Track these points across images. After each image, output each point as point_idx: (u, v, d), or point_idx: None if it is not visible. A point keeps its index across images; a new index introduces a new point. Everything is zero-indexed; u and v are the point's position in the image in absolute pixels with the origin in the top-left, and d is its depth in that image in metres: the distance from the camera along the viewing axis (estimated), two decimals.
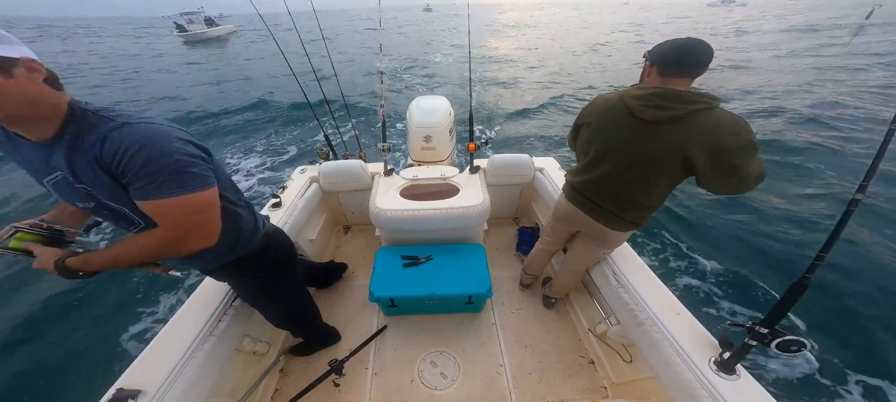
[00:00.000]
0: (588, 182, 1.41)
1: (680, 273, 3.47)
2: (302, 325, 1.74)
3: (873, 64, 11.22)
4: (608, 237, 1.49)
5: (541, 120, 8.20)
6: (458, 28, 37.04)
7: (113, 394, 1.08)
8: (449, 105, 2.84)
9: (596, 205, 1.41)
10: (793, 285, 0.97)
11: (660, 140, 1.11)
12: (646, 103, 1.10)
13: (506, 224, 2.85)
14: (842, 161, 5.22)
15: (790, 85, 9.51)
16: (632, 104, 1.14)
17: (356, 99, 9.62)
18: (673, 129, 1.07)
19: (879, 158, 0.86)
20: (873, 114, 6.91)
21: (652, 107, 1.09)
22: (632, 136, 1.17)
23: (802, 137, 6.04)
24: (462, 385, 1.74)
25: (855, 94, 8.35)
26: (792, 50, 14.98)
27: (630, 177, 1.24)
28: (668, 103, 1.06)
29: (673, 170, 1.14)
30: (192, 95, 11.28)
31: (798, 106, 7.57)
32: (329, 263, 2.33)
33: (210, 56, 20.87)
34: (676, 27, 29.92)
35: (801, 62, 12.40)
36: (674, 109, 1.05)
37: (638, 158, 1.18)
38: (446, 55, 18.80)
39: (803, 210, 4.17)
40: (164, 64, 18.16)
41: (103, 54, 22.92)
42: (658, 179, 1.19)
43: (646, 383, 1.57)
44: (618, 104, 1.20)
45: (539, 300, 2.17)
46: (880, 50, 13.26)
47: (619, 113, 1.19)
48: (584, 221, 1.51)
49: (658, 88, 1.09)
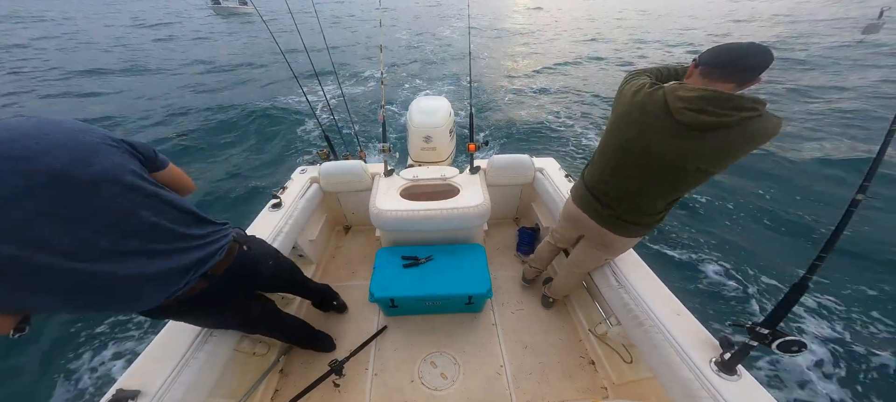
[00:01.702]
0: (600, 181, 1.36)
1: (680, 273, 3.47)
2: (268, 332, 1.62)
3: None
4: (612, 244, 1.45)
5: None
6: (473, 16, 37.92)
7: (113, 394, 1.08)
8: (449, 106, 2.85)
9: (604, 207, 1.37)
10: (794, 285, 0.97)
11: (695, 146, 1.02)
12: (690, 106, 0.99)
13: (506, 224, 2.85)
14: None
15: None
16: (674, 105, 1.02)
17: (357, 96, 9.63)
18: (716, 136, 0.98)
19: (880, 158, 0.86)
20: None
21: (696, 110, 0.98)
22: (663, 137, 1.06)
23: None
24: (462, 386, 1.74)
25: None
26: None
27: (646, 180, 1.18)
28: (716, 109, 0.95)
29: (696, 178, 1.09)
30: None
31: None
32: (324, 287, 2.00)
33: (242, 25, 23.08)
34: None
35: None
36: (724, 116, 0.94)
37: (662, 162, 1.10)
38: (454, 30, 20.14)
39: (804, 209, 4.17)
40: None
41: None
42: (677, 186, 1.15)
43: (646, 383, 1.57)
44: (657, 99, 1.07)
45: (539, 301, 2.17)
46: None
47: (656, 108, 1.07)
48: (589, 226, 1.48)
49: (707, 91, 0.96)
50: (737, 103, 0.94)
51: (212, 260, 1.03)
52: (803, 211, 4.17)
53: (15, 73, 11.38)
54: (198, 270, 1.00)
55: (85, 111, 8.11)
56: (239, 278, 1.17)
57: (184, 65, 12.71)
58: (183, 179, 1.08)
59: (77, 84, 10.35)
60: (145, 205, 0.86)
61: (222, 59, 13.35)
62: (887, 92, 8.16)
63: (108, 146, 0.80)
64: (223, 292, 1.12)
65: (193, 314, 1.17)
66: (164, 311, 1.02)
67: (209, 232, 1.06)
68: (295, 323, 1.69)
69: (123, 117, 7.66)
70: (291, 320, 1.66)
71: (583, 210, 1.47)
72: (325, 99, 2.89)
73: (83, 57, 13.89)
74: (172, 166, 1.03)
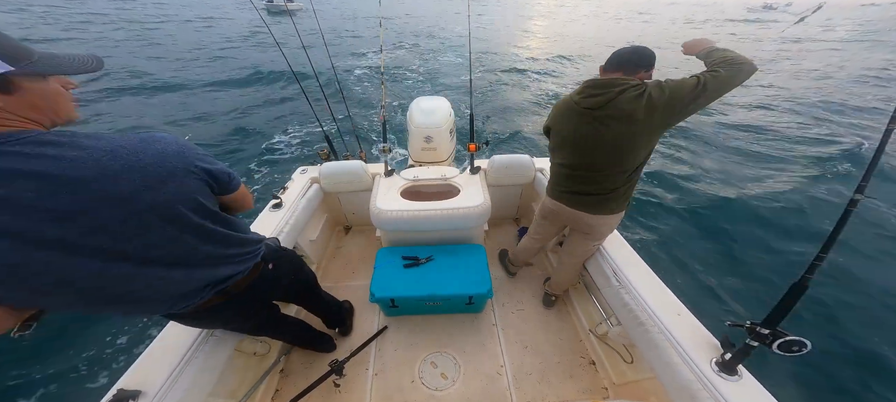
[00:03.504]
0: (566, 176, 1.54)
1: (680, 273, 3.47)
2: (271, 335, 1.64)
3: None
4: (594, 228, 1.58)
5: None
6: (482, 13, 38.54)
7: (113, 394, 1.08)
8: (449, 106, 2.84)
9: (577, 194, 1.52)
10: (793, 285, 0.97)
11: (601, 121, 1.27)
12: (583, 94, 1.32)
13: (506, 225, 2.85)
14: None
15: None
16: (575, 99, 1.36)
17: (357, 92, 9.66)
18: (608, 108, 1.24)
19: (877, 157, 0.86)
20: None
21: (587, 96, 1.30)
22: (581, 125, 1.33)
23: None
24: (462, 386, 1.74)
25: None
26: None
27: (590, 158, 1.39)
28: (598, 89, 1.27)
29: (629, 140, 1.26)
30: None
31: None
32: (338, 305, 1.96)
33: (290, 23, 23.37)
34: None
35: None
36: (605, 92, 1.24)
37: (599, 142, 1.31)
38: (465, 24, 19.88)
39: (806, 209, 4.17)
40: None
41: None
42: (618, 159, 1.32)
43: (647, 383, 1.57)
44: (568, 99, 1.42)
45: (540, 301, 2.17)
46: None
47: (569, 110, 1.39)
48: (568, 214, 1.61)
49: (592, 80, 1.30)
50: (615, 82, 1.24)
51: (233, 278, 1.03)
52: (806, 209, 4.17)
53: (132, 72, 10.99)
54: (217, 286, 1.00)
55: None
56: (255, 293, 1.16)
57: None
58: (246, 198, 1.07)
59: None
60: (194, 232, 0.86)
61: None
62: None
63: (188, 173, 0.80)
64: (237, 306, 1.12)
65: (201, 322, 1.16)
66: (170, 316, 1.02)
67: (243, 253, 1.05)
68: (296, 324, 1.69)
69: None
70: (292, 322, 1.66)
71: (558, 200, 1.63)
72: (325, 99, 2.88)
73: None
74: (242, 188, 1.02)
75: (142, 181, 0.72)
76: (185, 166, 0.80)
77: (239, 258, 1.04)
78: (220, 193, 0.93)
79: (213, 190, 0.89)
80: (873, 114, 7.96)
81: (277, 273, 1.25)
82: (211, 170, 0.86)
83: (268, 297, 1.32)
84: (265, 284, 1.19)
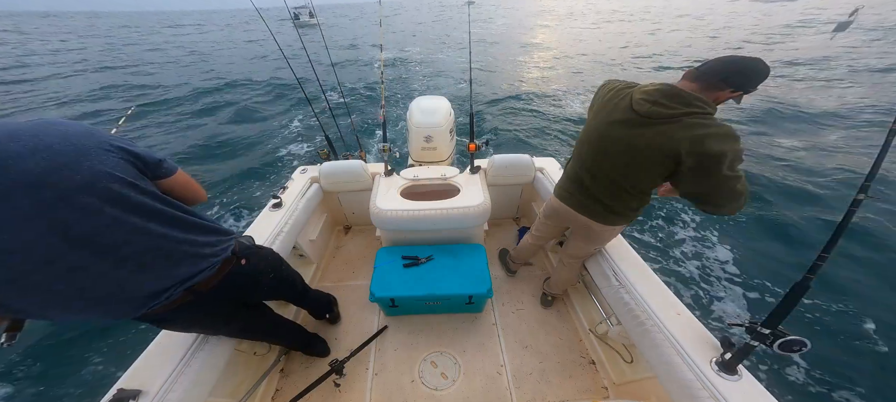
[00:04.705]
0: (577, 174, 1.46)
1: (680, 273, 3.47)
2: (262, 338, 1.64)
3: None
4: (593, 233, 1.55)
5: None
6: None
7: (113, 394, 1.08)
8: (449, 105, 2.84)
9: (583, 197, 1.46)
10: (795, 285, 0.96)
11: (645, 134, 1.12)
12: (647, 98, 1.11)
13: (506, 224, 2.85)
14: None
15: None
16: (636, 98, 1.15)
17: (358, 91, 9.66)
18: (662, 126, 1.08)
19: (881, 158, 0.86)
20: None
21: (651, 101, 1.10)
22: (622, 127, 1.18)
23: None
24: (462, 386, 1.74)
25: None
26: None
27: (610, 168, 1.28)
28: (666, 100, 1.07)
29: (656, 165, 1.15)
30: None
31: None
32: (323, 297, 1.99)
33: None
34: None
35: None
36: (671, 108, 1.06)
37: (632, 155, 1.19)
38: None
39: (806, 209, 4.17)
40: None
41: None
42: (640, 174, 1.22)
43: (647, 383, 1.57)
44: (625, 96, 1.20)
45: (539, 301, 2.16)
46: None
47: (623, 104, 1.19)
48: (570, 216, 1.57)
49: (665, 86, 1.09)
50: (686, 99, 1.04)
51: (199, 275, 0.99)
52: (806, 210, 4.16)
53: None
54: (182, 285, 0.96)
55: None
56: (229, 291, 1.12)
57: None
58: (190, 186, 1.03)
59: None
60: (135, 211, 0.83)
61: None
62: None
63: (103, 151, 0.78)
64: (209, 305, 1.09)
65: (174, 324, 1.12)
66: (143, 318, 0.98)
67: (208, 242, 1.02)
68: (289, 327, 1.68)
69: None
70: (286, 325, 1.65)
71: (565, 203, 1.57)
72: (325, 99, 2.88)
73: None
74: (180, 174, 0.98)
75: (51, 161, 0.69)
76: (98, 144, 0.78)
77: (201, 252, 1.00)
78: (153, 177, 0.91)
79: (141, 171, 0.87)
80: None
81: (252, 271, 1.21)
82: (131, 150, 0.84)
83: (246, 294, 1.27)
84: (239, 283, 1.15)
